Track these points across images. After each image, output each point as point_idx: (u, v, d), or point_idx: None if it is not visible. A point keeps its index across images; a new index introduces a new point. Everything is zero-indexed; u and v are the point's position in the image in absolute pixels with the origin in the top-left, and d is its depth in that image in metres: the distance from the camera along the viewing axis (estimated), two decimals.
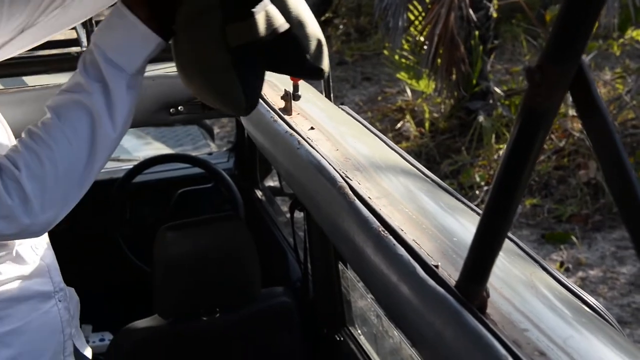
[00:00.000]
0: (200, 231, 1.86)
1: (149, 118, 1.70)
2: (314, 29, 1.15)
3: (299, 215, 1.91)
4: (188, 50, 1.11)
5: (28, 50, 2.09)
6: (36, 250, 1.25)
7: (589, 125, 0.62)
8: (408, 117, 5.27)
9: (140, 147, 3.25)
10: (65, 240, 1.64)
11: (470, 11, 4.62)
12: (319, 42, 1.15)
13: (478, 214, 1.12)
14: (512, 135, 0.69)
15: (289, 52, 1.14)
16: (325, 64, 1.16)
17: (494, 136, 4.73)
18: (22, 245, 1.21)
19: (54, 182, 1.02)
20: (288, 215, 1.94)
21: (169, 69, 1.75)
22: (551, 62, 0.60)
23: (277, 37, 1.09)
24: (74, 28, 2.20)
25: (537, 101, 0.64)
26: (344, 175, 1.11)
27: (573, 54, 0.58)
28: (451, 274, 0.85)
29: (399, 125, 5.25)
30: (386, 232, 0.93)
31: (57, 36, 2.44)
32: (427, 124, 5.13)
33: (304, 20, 1.14)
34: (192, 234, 1.84)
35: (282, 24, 1.09)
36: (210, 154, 2.91)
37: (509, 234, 0.93)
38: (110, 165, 2.42)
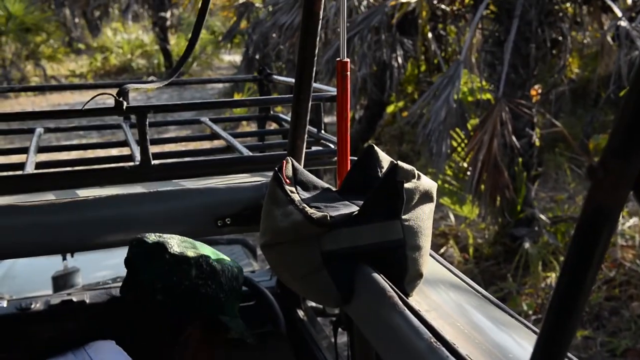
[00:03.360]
0: (244, 350, 1.82)
1: (195, 229, 1.70)
2: (424, 259, 1.17)
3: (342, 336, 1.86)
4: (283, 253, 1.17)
5: (83, 165, 2.17)
6: None
7: None
8: (452, 242, 5.22)
9: None
10: None
11: (513, 138, 4.66)
12: (420, 275, 1.17)
13: (532, 330, 1.07)
14: (574, 238, 0.66)
15: (389, 263, 1.15)
16: (411, 292, 1.16)
17: (540, 264, 4.62)
18: None
19: None
20: (330, 336, 1.88)
21: (217, 180, 1.77)
22: (614, 158, 0.58)
23: (387, 248, 1.13)
24: (129, 145, 2.27)
25: (599, 200, 0.62)
26: (392, 285, 1.08)
27: (638, 148, 0.57)
28: None
29: (442, 250, 5.19)
30: (438, 343, 0.89)
31: (112, 152, 2.52)
32: (471, 250, 5.06)
33: (422, 250, 1.16)
34: (235, 354, 1.80)
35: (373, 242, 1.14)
36: (253, 272, 2.90)
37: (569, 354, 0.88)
38: None
